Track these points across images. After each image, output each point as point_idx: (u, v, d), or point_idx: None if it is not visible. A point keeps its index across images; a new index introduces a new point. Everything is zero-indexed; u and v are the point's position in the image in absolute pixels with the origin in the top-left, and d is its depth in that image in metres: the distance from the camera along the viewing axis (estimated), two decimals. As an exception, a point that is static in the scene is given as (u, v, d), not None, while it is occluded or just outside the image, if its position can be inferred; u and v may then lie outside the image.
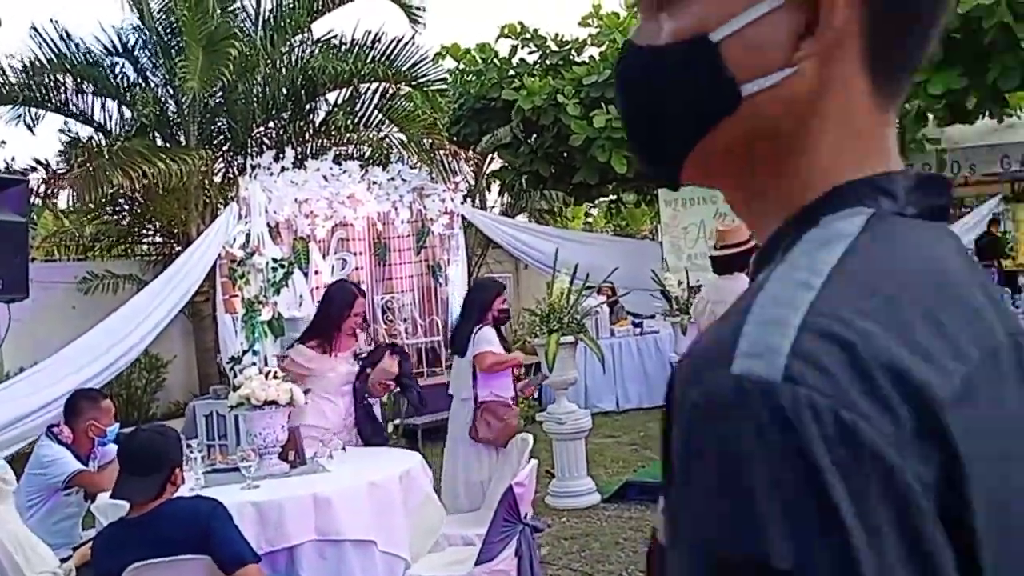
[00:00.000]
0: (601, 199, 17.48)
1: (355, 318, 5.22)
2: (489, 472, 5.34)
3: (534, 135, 12.72)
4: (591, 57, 12.64)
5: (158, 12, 10.33)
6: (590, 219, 22.82)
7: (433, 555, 4.29)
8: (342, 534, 3.79)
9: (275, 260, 7.91)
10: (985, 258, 12.77)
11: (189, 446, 4.29)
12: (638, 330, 10.72)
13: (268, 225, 9.01)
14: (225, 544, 3.10)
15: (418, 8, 10.44)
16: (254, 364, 7.15)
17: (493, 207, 15.86)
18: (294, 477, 4.17)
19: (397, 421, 9.02)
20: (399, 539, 3.95)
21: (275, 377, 4.33)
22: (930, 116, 10.20)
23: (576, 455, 6.98)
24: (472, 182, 14.50)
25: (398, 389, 5.58)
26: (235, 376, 5.71)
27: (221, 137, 10.75)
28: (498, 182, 14.71)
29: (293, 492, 3.89)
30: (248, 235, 7.93)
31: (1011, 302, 9.88)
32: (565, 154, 13.00)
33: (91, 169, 8.80)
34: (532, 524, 4.09)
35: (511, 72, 12.77)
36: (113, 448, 4.26)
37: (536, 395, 6.20)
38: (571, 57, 12.89)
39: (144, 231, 11.31)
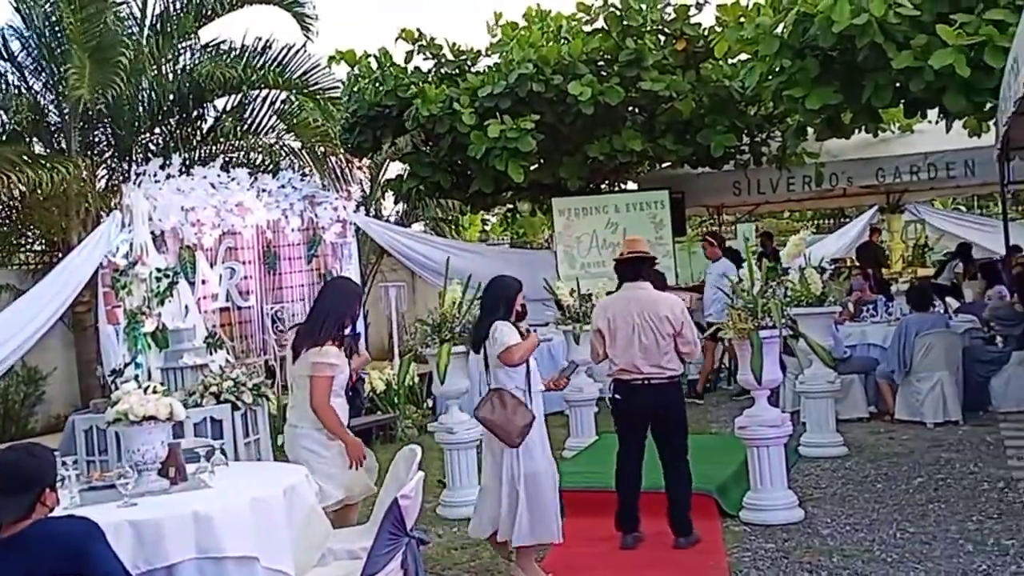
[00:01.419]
0: (497, 208, 17.58)
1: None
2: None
3: (431, 144, 12.71)
4: (487, 67, 12.71)
5: (42, 16, 9.95)
6: (488, 227, 22.94)
7: (318, 570, 4.25)
8: (223, 551, 3.72)
9: (159, 270, 7.71)
10: (864, 265, 13.28)
11: (64, 463, 4.15)
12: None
13: (153, 234, 8.79)
14: (98, 565, 3.02)
15: (310, 16, 10.33)
16: (137, 377, 6.97)
17: (389, 216, 15.81)
18: (174, 494, 4.07)
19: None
20: (282, 555, 3.90)
21: (155, 392, 4.23)
22: (810, 130, 10.60)
23: (468, 465, 7.01)
24: (368, 190, 14.45)
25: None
26: (117, 389, 5.55)
27: (105, 143, 10.42)
28: (394, 191, 14.65)
29: (172, 509, 3.80)
30: (132, 244, 7.71)
31: (885, 309, 10.33)
32: (460, 163, 13.04)
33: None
34: (418, 537, 4.09)
35: (406, 80, 12.73)
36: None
37: (565, 386, 6.09)
38: (466, 67, 12.94)
39: (23, 240, 10.87)
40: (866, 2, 8.08)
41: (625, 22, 11.81)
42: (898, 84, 8.67)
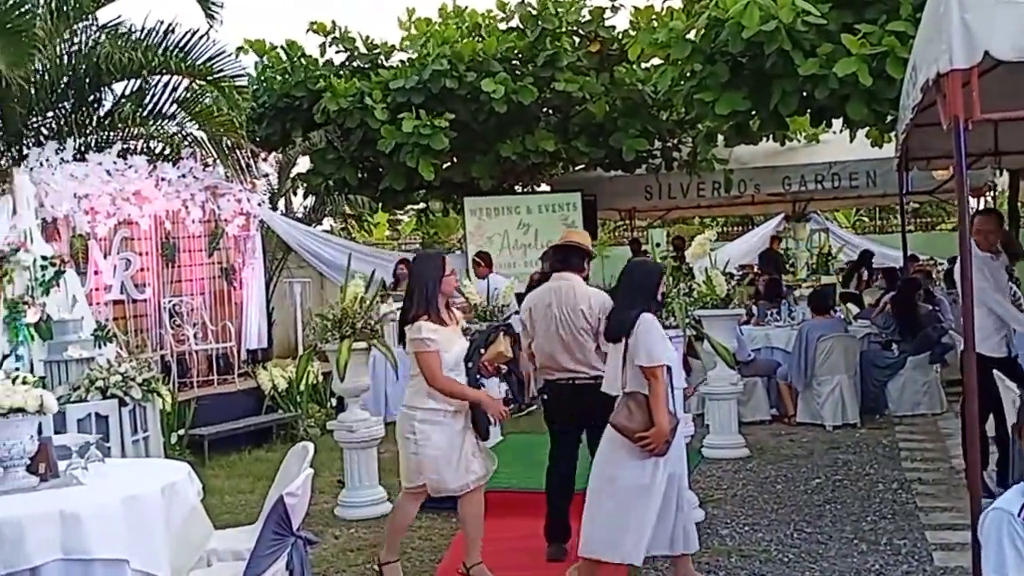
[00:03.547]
0: (409, 206, 17.39)
1: (450, 278, 5.06)
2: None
3: (341, 139, 12.48)
4: (400, 61, 12.54)
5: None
6: (399, 227, 22.69)
7: (197, 572, 4.03)
8: (91, 553, 3.49)
9: (44, 258, 7.34)
10: (766, 271, 13.49)
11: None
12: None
13: (44, 221, 8.38)
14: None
15: (215, 3, 9.99)
16: (18, 370, 6.60)
17: (297, 211, 15.47)
18: (42, 491, 3.81)
19: (182, 431, 8.55)
20: (156, 557, 3.68)
21: (24, 382, 3.96)
22: (720, 137, 10.70)
23: (367, 464, 6.83)
24: (276, 184, 14.11)
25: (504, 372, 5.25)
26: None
27: (-7, 125, 9.91)
28: (304, 185, 14.35)
29: (37, 508, 3.54)
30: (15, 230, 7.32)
31: (788, 313, 10.48)
32: (371, 159, 12.83)
33: None
34: (305, 536, 3.92)
35: (317, 72, 12.48)
36: None
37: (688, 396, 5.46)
38: (379, 61, 12.74)
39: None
40: (775, 9, 8.17)
41: (541, 22, 11.77)
42: (804, 92, 8.79)
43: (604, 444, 4.74)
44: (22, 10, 8.71)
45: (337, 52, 12.89)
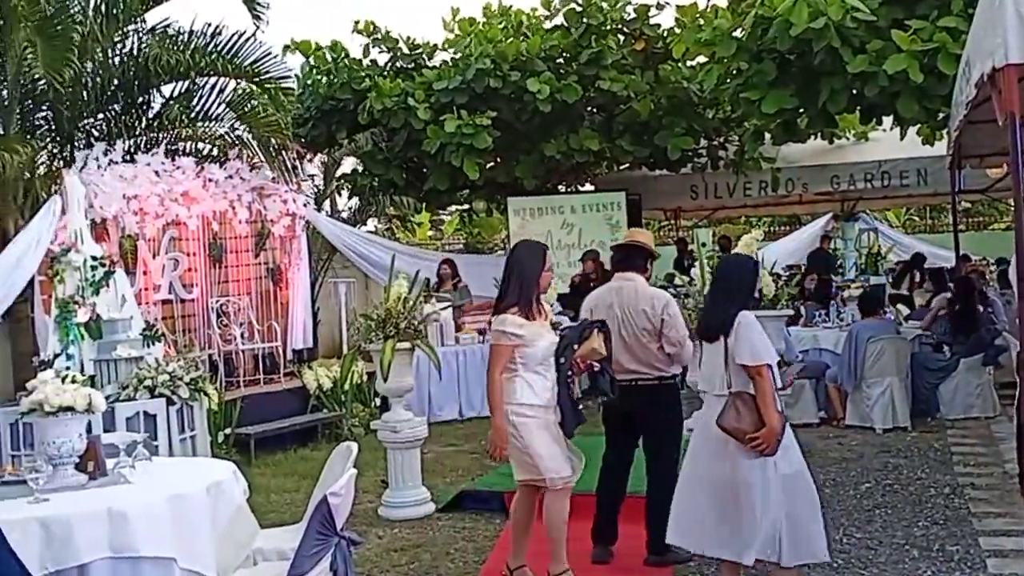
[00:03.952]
0: (453, 207, 17.42)
1: (548, 273, 5.00)
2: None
3: (386, 140, 12.54)
4: (443, 61, 12.56)
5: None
6: (442, 227, 22.75)
7: (244, 571, 4.06)
8: (138, 551, 3.53)
9: (94, 258, 7.44)
10: (815, 271, 13.29)
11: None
12: (482, 337, 10.66)
13: (93, 221, 8.52)
14: (-8, 565, 2.82)
15: (261, 3, 10.08)
16: (68, 369, 6.71)
17: (343, 212, 15.57)
18: (90, 490, 3.86)
19: (228, 430, 8.64)
20: (203, 555, 3.71)
21: (73, 381, 4.01)
22: (767, 135, 10.57)
23: (411, 464, 6.84)
24: (322, 185, 14.21)
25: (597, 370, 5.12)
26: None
27: (46, 128, 10.08)
28: (348, 186, 14.45)
29: (85, 506, 3.59)
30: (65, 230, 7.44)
31: (837, 314, 10.32)
32: (415, 159, 12.87)
33: None
34: (349, 537, 3.92)
35: (361, 73, 12.55)
36: None
37: (787, 386, 5.20)
38: (422, 61, 12.78)
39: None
40: (824, 6, 8.05)
41: (586, 19, 11.72)
42: (854, 90, 8.65)
43: (711, 446, 4.50)
44: (62, 17, 8.83)
45: (380, 53, 12.95)
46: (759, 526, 4.34)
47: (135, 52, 10.03)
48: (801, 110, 9.19)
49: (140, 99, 10.23)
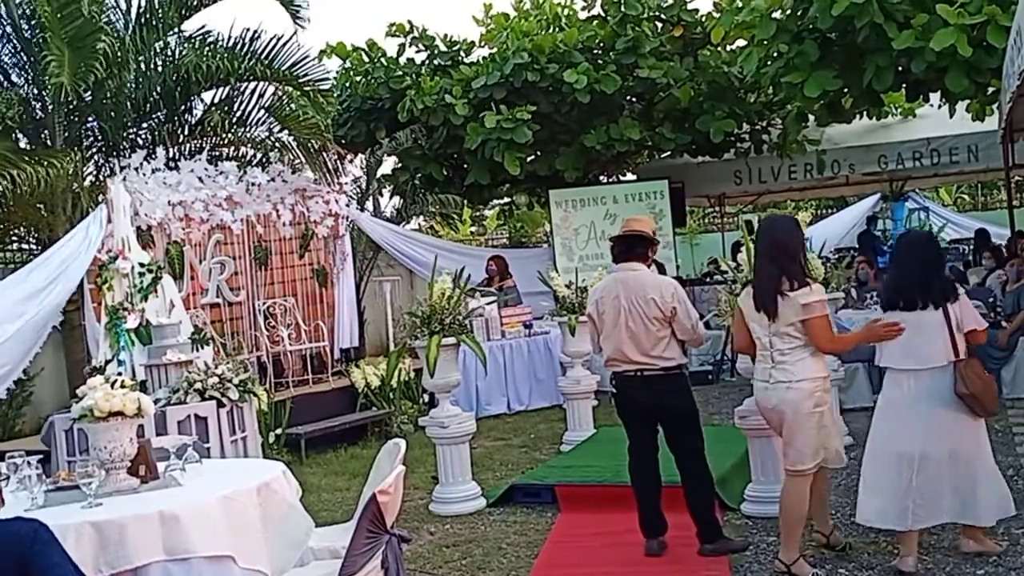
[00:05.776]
0: (495, 201, 17.41)
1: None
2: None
3: (427, 137, 12.56)
4: (482, 57, 12.54)
5: (19, 7, 9.76)
6: (484, 222, 22.73)
7: (297, 570, 4.06)
8: (193, 552, 3.53)
9: (142, 264, 7.52)
10: (862, 252, 13.04)
11: (28, 463, 3.97)
12: (528, 331, 10.63)
13: (140, 229, 8.62)
14: (47, 571, 2.83)
15: (299, 5, 10.14)
16: (120, 374, 6.78)
17: (385, 210, 15.64)
18: (142, 493, 3.89)
19: (279, 431, 8.70)
20: (257, 554, 3.71)
21: (123, 386, 4.04)
22: (810, 117, 10.39)
23: (460, 460, 6.82)
24: (364, 185, 14.28)
25: None
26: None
27: (91, 139, 10.24)
28: (390, 185, 14.50)
29: (137, 509, 3.60)
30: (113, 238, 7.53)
31: (869, 297, 10.12)
32: (456, 156, 12.87)
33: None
34: (399, 534, 3.90)
35: (399, 72, 12.57)
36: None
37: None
38: (459, 58, 12.76)
39: (8, 237, 10.68)
40: (866, -19, 7.89)
41: (623, 9, 11.62)
42: (899, 66, 8.47)
43: (952, 417, 4.64)
44: (91, 29, 8.92)
45: (417, 51, 12.96)
46: (995, 486, 4.76)
47: (175, 61, 10.14)
48: (845, 90, 9.02)
49: (182, 107, 10.35)
